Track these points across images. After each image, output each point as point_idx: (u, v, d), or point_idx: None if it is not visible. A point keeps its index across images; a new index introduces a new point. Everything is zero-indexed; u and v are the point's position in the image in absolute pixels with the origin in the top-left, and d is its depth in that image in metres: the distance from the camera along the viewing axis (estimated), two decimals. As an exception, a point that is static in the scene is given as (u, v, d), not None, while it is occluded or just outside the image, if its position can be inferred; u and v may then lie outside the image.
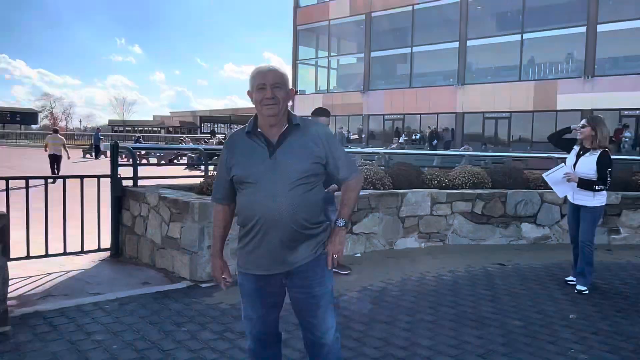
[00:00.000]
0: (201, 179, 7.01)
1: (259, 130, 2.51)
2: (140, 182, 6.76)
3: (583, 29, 26.19)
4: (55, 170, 16.68)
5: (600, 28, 25.71)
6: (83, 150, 33.05)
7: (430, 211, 7.15)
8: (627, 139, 20.67)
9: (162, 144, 35.64)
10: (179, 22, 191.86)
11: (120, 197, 6.54)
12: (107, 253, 6.52)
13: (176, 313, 4.44)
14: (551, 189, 5.75)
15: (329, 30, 36.72)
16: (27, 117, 65.46)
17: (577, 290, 5.33)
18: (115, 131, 64.79)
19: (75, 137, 53.07)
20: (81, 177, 6.21)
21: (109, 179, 6.46)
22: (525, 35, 28.27)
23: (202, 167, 8.16)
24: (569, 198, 5.59)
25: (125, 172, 6.66)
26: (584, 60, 26.27)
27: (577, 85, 26.35)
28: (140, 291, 5.05)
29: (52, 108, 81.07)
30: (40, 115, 73.91)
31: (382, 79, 34.79)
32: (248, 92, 2.53)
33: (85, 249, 6.14)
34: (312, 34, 38.93)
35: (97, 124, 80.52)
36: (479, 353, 3.73)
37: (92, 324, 4.13)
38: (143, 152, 20.02)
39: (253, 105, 2.49)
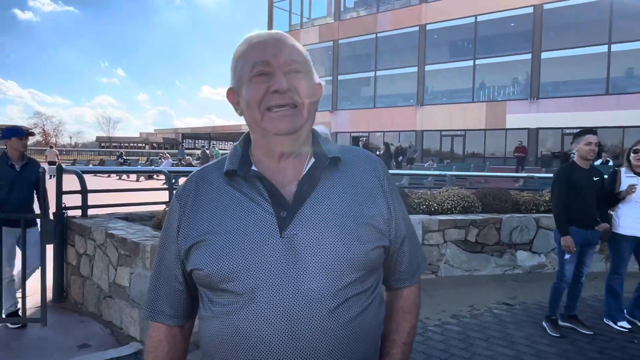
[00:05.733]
0: (164, 207, 5.40)
1: (253, 168, 1.02)
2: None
3: (529, 56, 25.68)
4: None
5: (544, 55, 25.25)
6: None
7: (422, 240, 5.67)
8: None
9: (144, 159, 33.36)
10: (157, 47, 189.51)
11: (64, 230, 4.85)
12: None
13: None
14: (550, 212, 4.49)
15: (300, 56, 35.29)
16: (19, 133, 61.47)
17: None
18: (102, 147, 61.63)
19: (64, 152, 49.78)
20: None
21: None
22: (477, 62, 27.55)
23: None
24: (635, 232, 4.23)
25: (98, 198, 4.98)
26: (529, 84, 25.69)
27: (524, 106, 25.83)
28: (70, 364, 3.40)
29: (43, 125, 76.93)
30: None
31: (348, 100, 33.60)
32: (230, 90, 1.06)
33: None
34: (284, 59, 37.50)
35: (86, 141, 77.14)
36: None
37: None
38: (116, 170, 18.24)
39: (234, 121, 0.89)
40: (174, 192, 1.13)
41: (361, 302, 0.97)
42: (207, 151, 28.17)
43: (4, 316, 4.04)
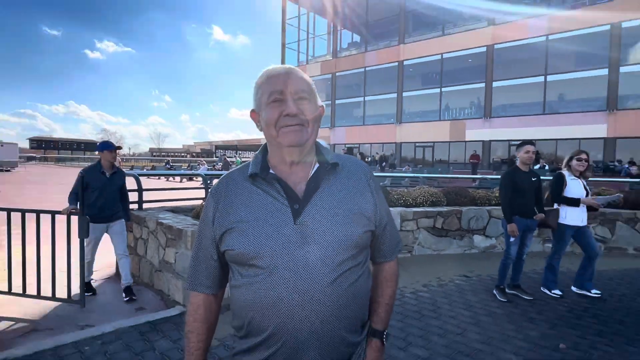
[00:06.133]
0: (201, 202, 5.42)
1: (271, 172, 1.03)
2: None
3: (483, 85, 25.59)
4: None
5: (495, 84, 25.19)
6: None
7: (400, 227, 5.68)
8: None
9: (185, 165, 33.34)
10: (195, 78, 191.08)
11: (125, 220, 4.86)
12: (114, 270, 4.85)
13: (160, 356, 2.83)
14: (499, 205, 4.41)
15: (306, 85, 35.21)
16: (89, 145, 61.52)
17: (594, 293, 4.21)
18: (154, 155, 61.71)
19: (124, 160, 49.66)
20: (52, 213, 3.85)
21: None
22: (443, 89, 27.49)
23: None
24: (579, 222, 4.16)
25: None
26: (483, 106, 25.61)
27: (479, 123, 25.75)
28: (129, 322, 3.39)
29: (108, 139, 76.86)
30: (100, 144, 69.58)
31: (343, 119, 33.55)
32: (252, 111, 1.06)
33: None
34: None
35: (141, 151, 77.07)
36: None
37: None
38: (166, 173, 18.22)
39: (256, 136, 0.89)
40: (209, 190, 1.14)
41: (355, 273, 0.99)
42: (228, 158, 28.37)
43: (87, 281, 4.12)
